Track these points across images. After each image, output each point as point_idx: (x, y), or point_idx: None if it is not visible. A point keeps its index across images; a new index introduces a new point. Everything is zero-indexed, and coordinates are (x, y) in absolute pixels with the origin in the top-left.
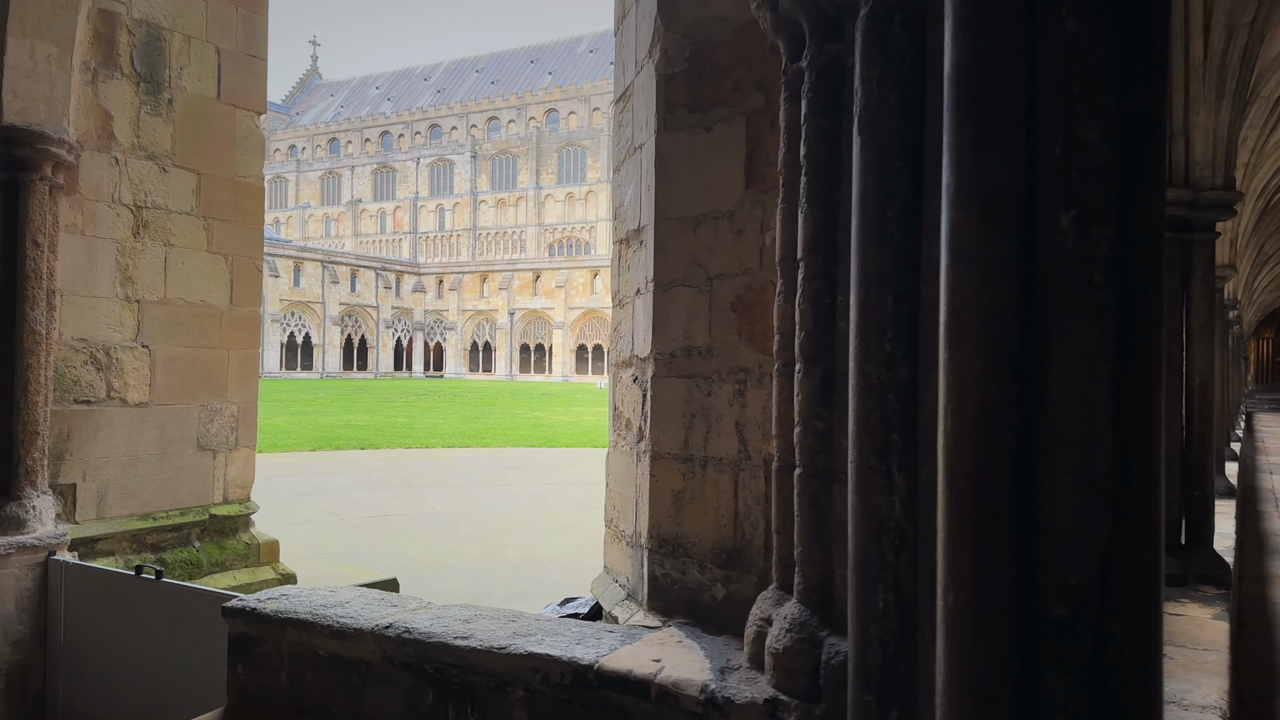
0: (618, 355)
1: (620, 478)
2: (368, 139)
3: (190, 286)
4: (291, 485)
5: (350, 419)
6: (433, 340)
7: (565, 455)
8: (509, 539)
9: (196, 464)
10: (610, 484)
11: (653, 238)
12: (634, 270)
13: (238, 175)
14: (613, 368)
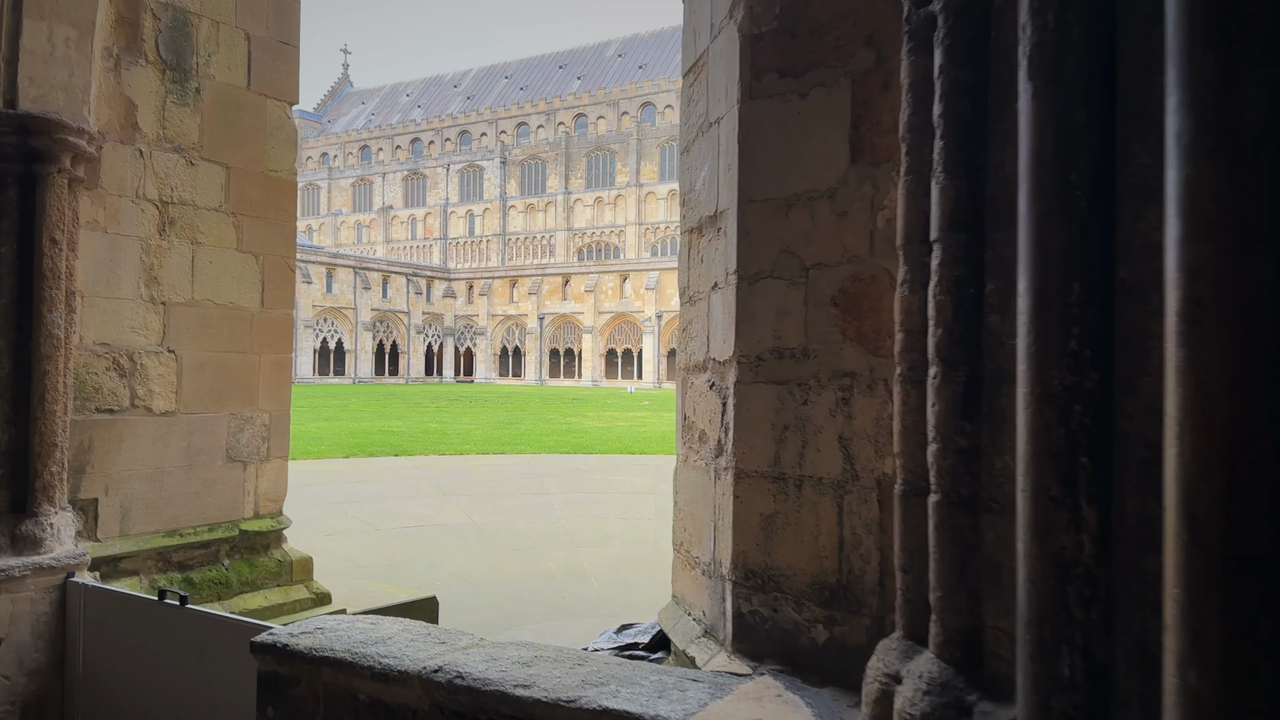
0: (688, 358)
1: (693, 497)
2: (398, 146)
3: (219, 287)
4: (325, 494)
5: (383, 425)
6: (463, 345)
7: (601, 462)
8: (549, 551)
9: (226, 476)
10: (680, 503)
11: (735, 224)
12: (709, 262)
13: (269, 169)
14: (681, 372)
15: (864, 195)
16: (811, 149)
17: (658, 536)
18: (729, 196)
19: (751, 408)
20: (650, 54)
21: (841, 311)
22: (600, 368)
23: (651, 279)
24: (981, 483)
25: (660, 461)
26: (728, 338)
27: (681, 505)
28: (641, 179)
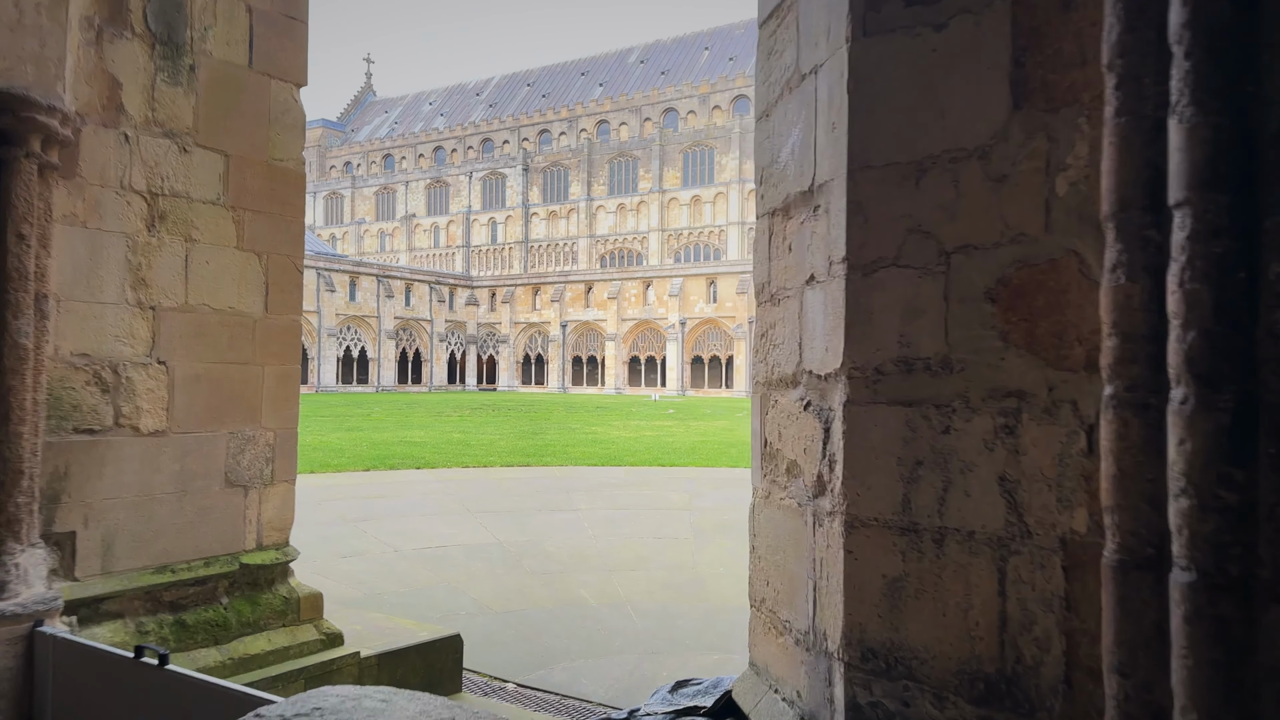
0: (769, 371)
1: (779, 543)
2: (421, 154)
3: (217, 290)
4: (343, 511)
5: (405, 435)
6: (485, 353)
7: (631, 475)
8: (581, 575)
9: (224, 503)
10: (761, 549)
11: (843, 198)
12: (802, 250)
13: (273, 158)
14: (760, 387)
15: (1035, 152)
16: (953, 96)
17: (697, 559)
18: (833, 164)
19: (868, 436)
20: (672, 60)
21: (1001, 309)
22: (623, 375)
23: (675, 285)
24: (1260, 558)
25: (693, 474)
26: (832, 345)
27: (763, 552)
28: (664, 185)
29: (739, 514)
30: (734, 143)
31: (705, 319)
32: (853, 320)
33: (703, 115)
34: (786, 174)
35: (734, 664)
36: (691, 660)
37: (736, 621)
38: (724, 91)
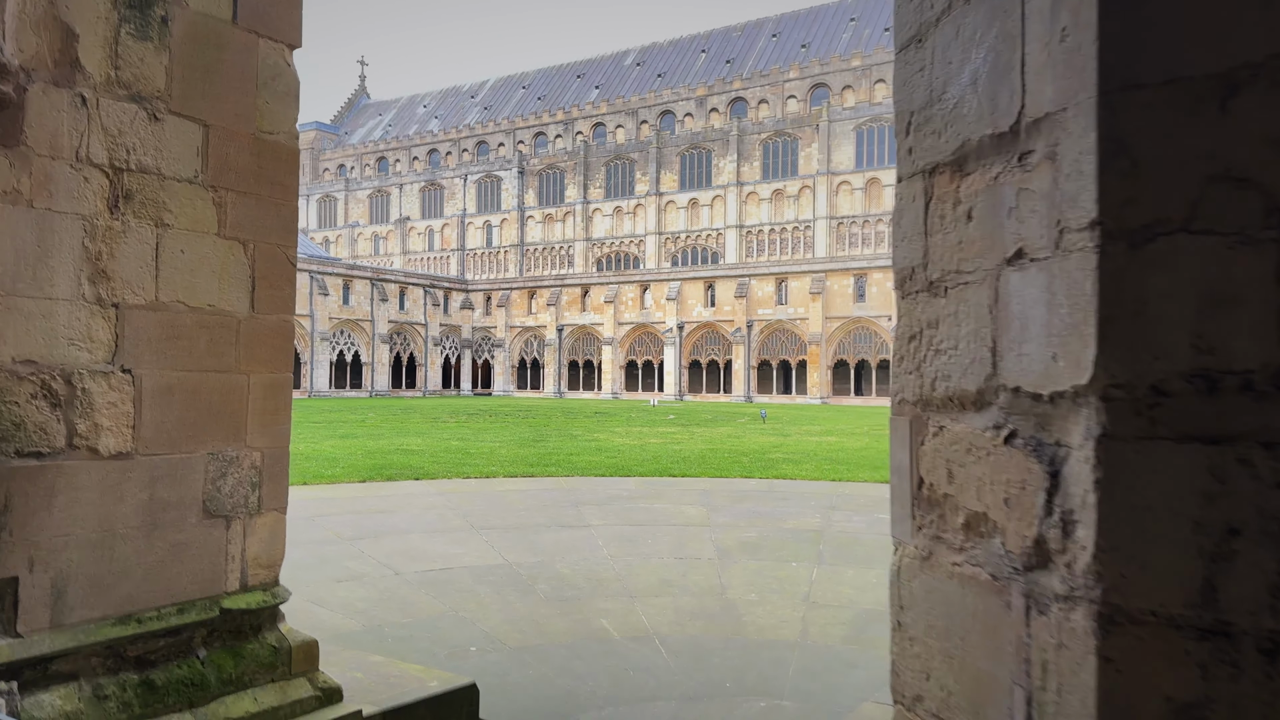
0: (925, 385)
1: (952, 626)
2: (415, 157)
3: (193, 285)
4: (339, 528)
5: (401, 443)
6: (480, 358)
7: (641, 487)
8: (600, 602)
9: (202, 538)
10: (913, 627)
11: (1091, 132)
12: (994, 216)
13: (261, 130)
14: (908, 407)
15: None
16: None
17: (725, 583)
18: (1065, 86)
19: (1140, 487)
20: (669, 62)
21: None
22: (620, 380)
23: (672, 289)
24: None
25: (706, 486)
26: (1067, 350)
27: (918, 633)
28: (661, 188)
29: (762, 531)
30: (731, 145)
31: (703, 323)
32: (1111, 314)
33: (700, 118)
34: (961, 114)
35: (784, 713)
36: (736, 709)
37: (779, 659)
38: (721, 94)
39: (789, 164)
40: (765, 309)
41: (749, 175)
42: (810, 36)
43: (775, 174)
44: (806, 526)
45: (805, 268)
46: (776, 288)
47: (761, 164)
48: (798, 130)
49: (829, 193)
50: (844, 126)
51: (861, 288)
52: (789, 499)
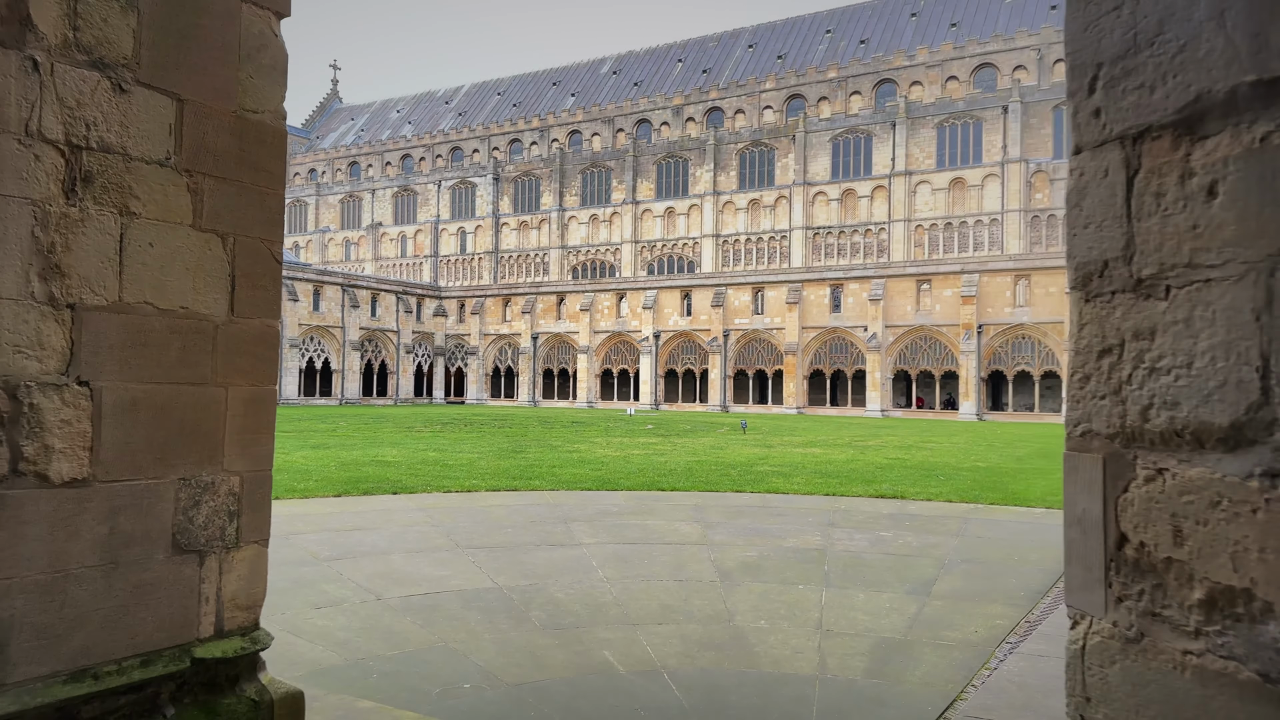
0: (1131, 414)
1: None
2: (388, 162)
3: (164, 284)
4: (314, 548)
5: (376, 454)
6: (453, 365)
7: (631, 501)
8: (600, 631)
9: (171, 577)
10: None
11: None
12: (1255, 192)
13: (245, 108)
14: (1099, 440)
15: None
16: None
17: (731, 609)
18: None
19: None
20: (645, 71)
21: None
22: (596, 389)
23: (649, 298)
24: None
25: (697, 501)
26: None
27: None
28: (638, 196)
29: (761, 550)
30: (708, 155)
31: (680, 332)
32: None
33: (676, 127)
34: (1194, 58)
35: None
36: None
37: (800, 696)
38: (698, 104)
39: (765, 174)
40: (742, 318)
41: (725, 185)
42: (786, 48)
43: (751, 184)
44: (807, 545)
45: (782, 278)
46: (753, 297)
47: (738, 174)
48: (774, 140)
49: (805, 203)
50: (820, 138)
51: (837, 298)
52: (785, 515)
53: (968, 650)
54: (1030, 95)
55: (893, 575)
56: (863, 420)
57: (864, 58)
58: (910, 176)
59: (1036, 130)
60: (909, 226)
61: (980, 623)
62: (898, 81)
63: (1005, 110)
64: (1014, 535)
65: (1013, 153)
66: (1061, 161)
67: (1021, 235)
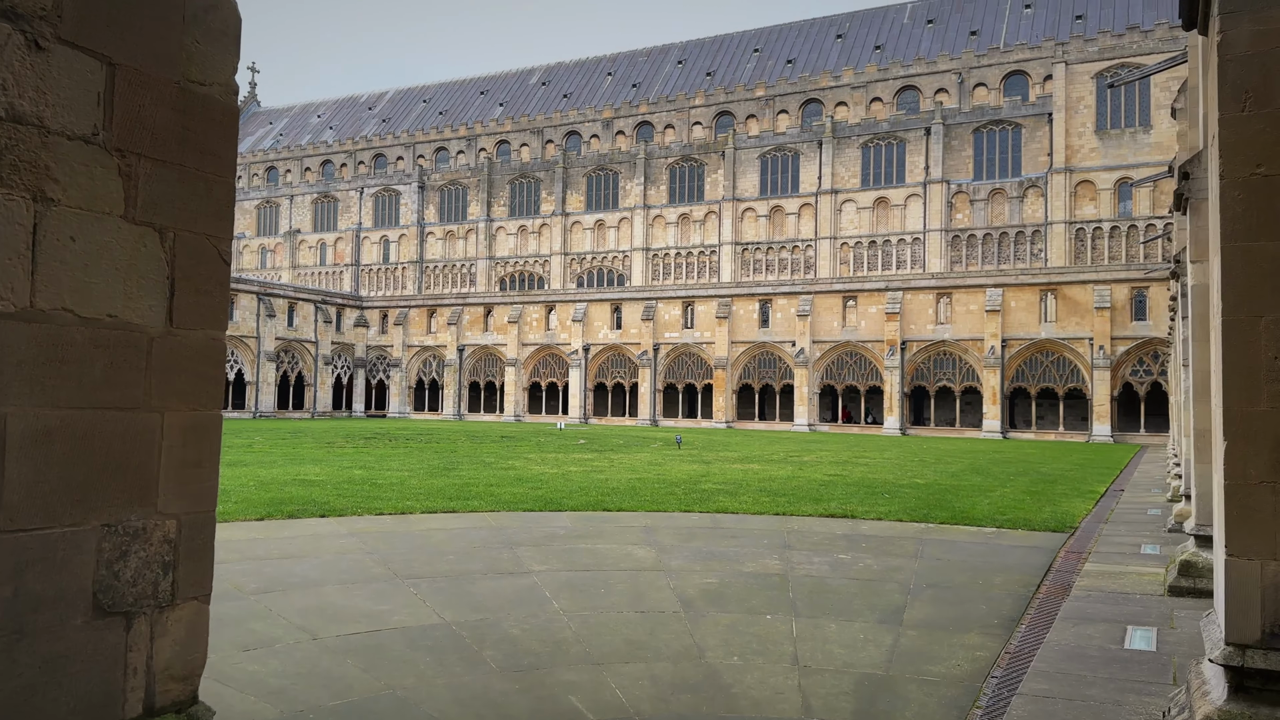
0: None
1: None
2: (308, 168)
3: (88, 286)
4: (239, 579)
5: (298, 471)
6: (375, 378)
7: (578, 524)
8: (563, 672)
9: (91, 646)
10: None
11: None
12: None
13: (190, 80)
14: None
15: None
16: None
17: (701, 643)
18: None
19: None
20: (575, 83)
21: None
22: (523, 402)
23: (578, 310)
24: None
25: (647, 522)
26: None
27: None
28: (568, 208)
29: (721, 576)
30: (638, 168)
31: (609, 345)
32: None
33: (606, 140)
34: None
35: None
36: None
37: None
38: (628, 117)
39: (695, 189)
40: (672, 332)
41: (656, 199)
42: (715, 65)
43: (682, 198)
44: (768, 570)
45: (712, 292)
46: (683, 311)
47: (668, 188)
48: (704, 156)
49: (734, 219)
50: (749, 154)
51: (766, 313)
52: (739, 537)
53: (955, 686)
54: (952, 117)
55: (861, 602)
56: (792, 435)
57: (791, 77)
58: (836, 195)
59: (958, 152)
60: (835, 244)
61: (961, 655)
62: (824, 101)
63: (928, 132)
64: (973, 557)
65: (934, 173)
66: (981, 182)
67: (942, 254)
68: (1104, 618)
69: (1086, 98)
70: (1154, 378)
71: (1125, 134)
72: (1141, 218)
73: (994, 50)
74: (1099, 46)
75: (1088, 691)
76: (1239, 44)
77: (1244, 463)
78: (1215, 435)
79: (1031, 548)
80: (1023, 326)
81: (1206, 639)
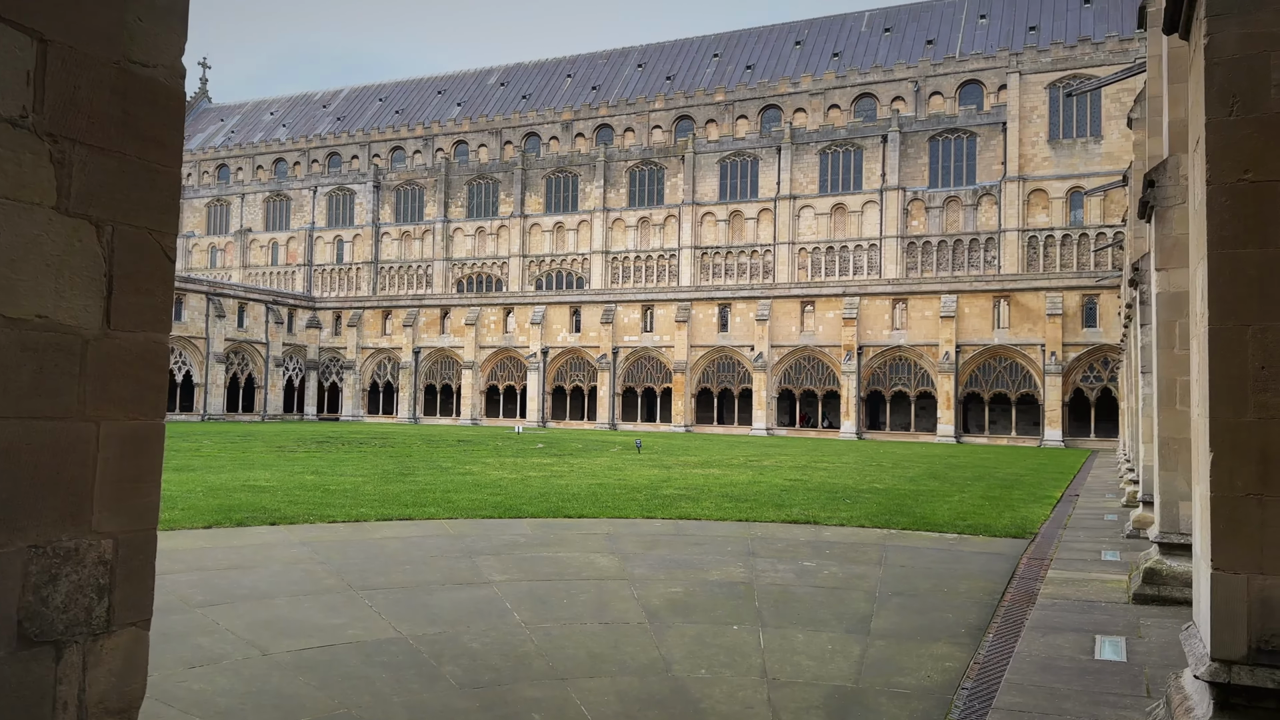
0: None
1: None
2: (260, 166)
3: (14, 284)
4: (185, 591)
5: (248, 477)
6: (327, 380)
7: (539, 531)
8: (525, 688)
9: (16, 680)
10: None
11: None
12: None
13: (133, 60)
14: None
15: None
16: None
17: (667, 655)
18: None
19: None
20: (534, 84)
21: None
22: (481, 405)
23: (537, 313)
24: None
25: (609, 529)
26: None
27: None
28: (526, 210)
29: (686, 585)
30: (598, 171)
31: (569, 348)
32: None
33: (565, 142)
34: None
35: None
36: None
37: None
38: (587, 120)
39: (655, 193)
40: (631, 336)
41: (615, 202)
42: (675, 69)
43: (641, 202)
44: (733, 578)
45: (671, 296)
46: (643, 315)
47: (628, 191)
48: (664, 160)
49: (694, 223)
50: (708, 159)
51: (725, 317)
52: (703, 544)
53: (926, 699)
54: (908, 125)
55: (827, 611)
56: (750, 439)
57: (750, 83)
58: (795, 200)
59: (914, 160)
60: (793, 249)
61: (930, 665)
62: (782, 107)
63: (885, 139)
64: (936, 564)
65: (891, 180)
66: (937, 190)
67: (898, 261)
68: (1072, 627)
69: (1040, 107)
70: (1104, 384)
71: (1077, 144)
72: (1092, 226)
73: (950, 59)
74: (1052, 57)
75: (1063, 705)
76: (1226, 47)
77: (1230, 474)
78: (1198, 446)
79: (994, 554)
80: (977, 332)
81: (1189, 653)
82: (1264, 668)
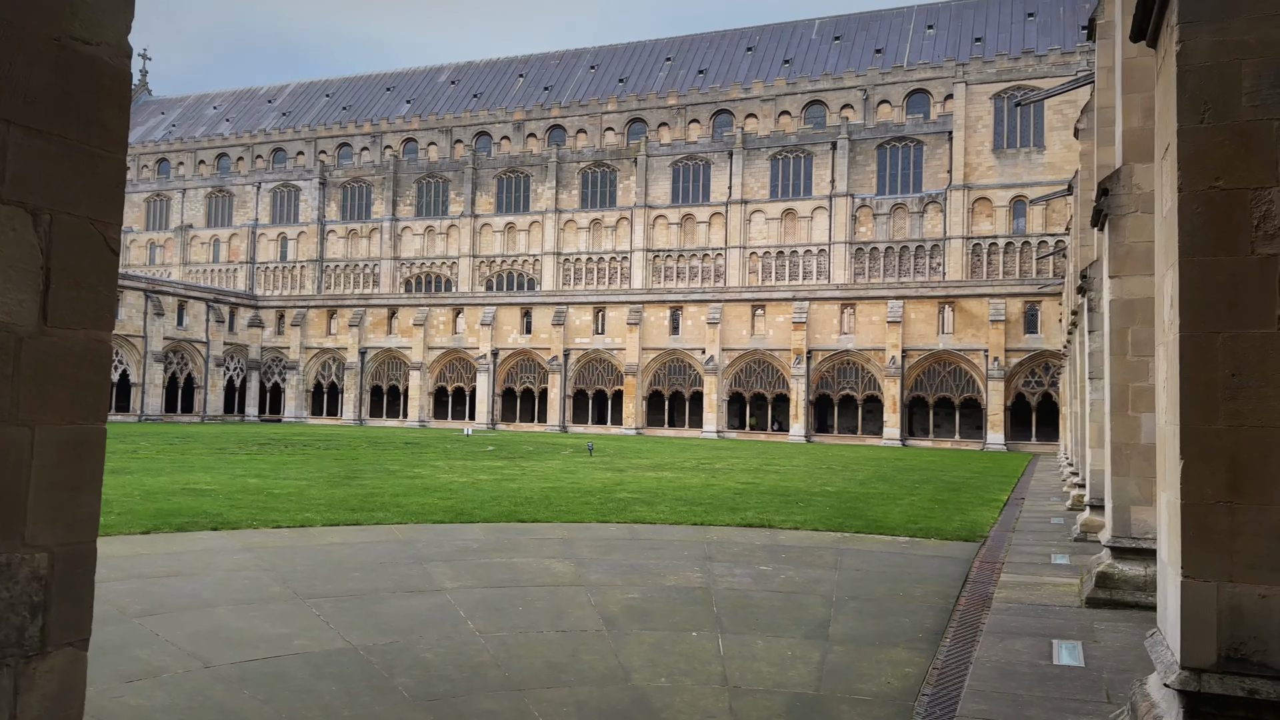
0: None
1: None
2: (202, 160)
3: None
4: (122, 600)
5: (188, 480)
6: (270, 380)
7: (491, 537)
8: (481, 701)
9: None
10: None
11: None
12: None
13: (74, 37)
14: None
15: None
16: None
17: (626, 664)
18: None
19: None
20: (485, 83)
21: None
22: (429, 407)
23: (488, 314)
24: None
25: (564, 533)
26: None
27: None
28: (477, 210)
29: (643, 591)
30: (550, 172)
31: (519, 350)
32: None
33: (517, 142)
34: None
35: None
36: None
37: None
38: (539, 120)
39: (608, 195)
40: (583, 338)
41: (568, 203)
42: (628, 71)
43: (594, 203)
44: (690, 584)
45: (623, 298)
46: (594, 317)
47: (580, 193)
48: (616, 162)
49: (646, 226)
50: (661, 162)
51: (677, 320)
52: (659, 549)
53: (888, 706)
54: (857, 133)
55: (785, 617)
56: (701, 441)
57: (702, 87)
58: (746, 205)
59: (862, 167)
60: (744, 253)
61: (889, 671)
62: (734, 112)
63: (834, 146)
64: (890, 567)
65: (840, 187)
66: (884, 197)
67: (847, 266)
68: (1028, 631)
69: (985, 117)
70: (1045, 389)
71: (1021, 154)
72: (1035, 234)
73: (898, 68)
74: (997, 68)
75: (1027, 712)
76: (1198, 55)
77: (1201, 482)
78: (1167, 453)
79: (946, 558)
80: (922, 337)
81: (1156, 661)
82: (1234, 676)
